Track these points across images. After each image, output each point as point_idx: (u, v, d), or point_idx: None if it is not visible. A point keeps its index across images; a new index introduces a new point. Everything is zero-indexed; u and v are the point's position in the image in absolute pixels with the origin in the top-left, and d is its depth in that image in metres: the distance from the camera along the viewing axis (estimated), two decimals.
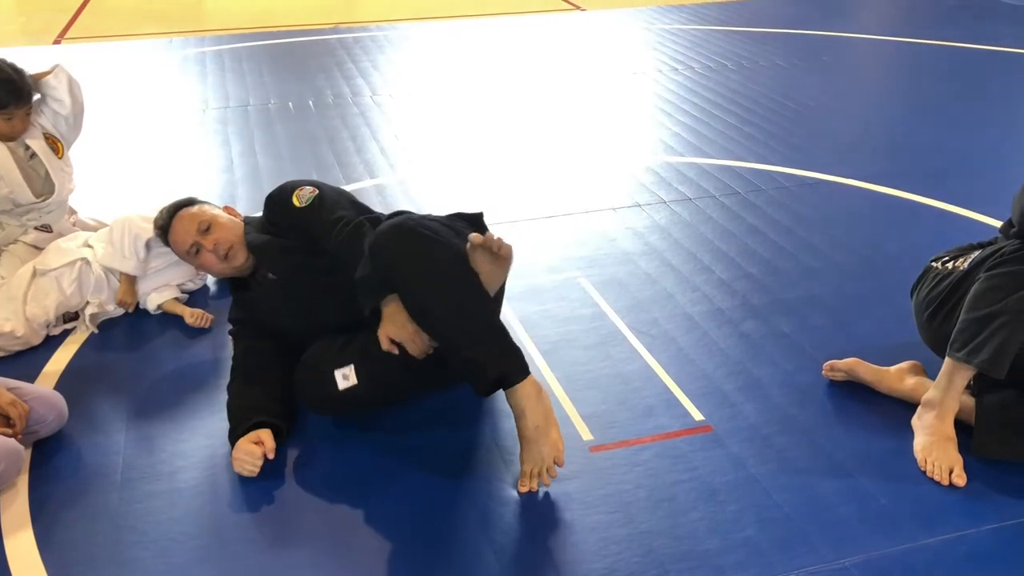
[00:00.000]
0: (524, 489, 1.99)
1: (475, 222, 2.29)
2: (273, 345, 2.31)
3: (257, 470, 2.05)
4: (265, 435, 2.09)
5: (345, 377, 2.10)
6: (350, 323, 2.17)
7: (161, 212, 2.48)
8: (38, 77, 2.82)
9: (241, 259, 2.37)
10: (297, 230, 2.30)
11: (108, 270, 2.70)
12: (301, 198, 2.28)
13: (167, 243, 2.46)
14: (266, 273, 2.37)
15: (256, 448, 2.05)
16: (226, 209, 2.52)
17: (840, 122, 4.56)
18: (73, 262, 2.66)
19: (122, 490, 2.04)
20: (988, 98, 4.77)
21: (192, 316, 2.69)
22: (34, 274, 2.66)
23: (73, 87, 2.87)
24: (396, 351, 2.03)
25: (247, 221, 2.45)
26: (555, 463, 1.97)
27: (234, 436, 2.11)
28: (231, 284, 2.50)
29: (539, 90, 5.11)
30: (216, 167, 3.99)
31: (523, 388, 1.95)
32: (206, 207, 2.46)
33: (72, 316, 2.69)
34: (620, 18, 6.93)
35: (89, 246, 2.75)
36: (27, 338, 2.56)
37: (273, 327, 2.33)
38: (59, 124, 2.89)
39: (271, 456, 2.07)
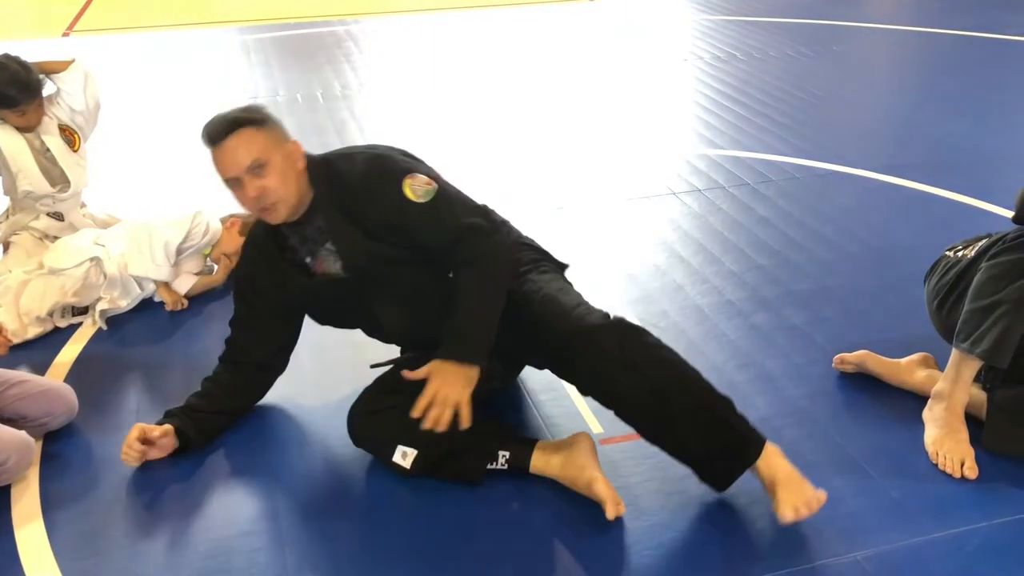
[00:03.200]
0: (790, 517, 1.79)
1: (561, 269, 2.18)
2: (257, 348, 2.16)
3: (134, 460, 2.04)
4: (160, 431, 2.06)
5: (404, 456, 1.98)
6: (414, 335, 2.07)
7: (216, 119, 1.90)
8: (53, 68, 2.82)
9: (282, 217, 1.93)
10: (392, 226, 1.92)
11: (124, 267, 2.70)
12: (416, 190, 1.91)
13: (210, 148, 1.90)
14: (334, 266, 2.01)
15: (135, 441, 2.03)
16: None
17: (851, 112, 4.53)
18: (82, 263, 2.64)
19: (132, 483, 2.05)
20: (1001, 88, 4.73)
21: (232, 263, 2.77)
22: (40, 266, 2.66)
23: (88, 84, 2.89)
24: (433, 426, 1.82)
25: (315, 167, 1.96)
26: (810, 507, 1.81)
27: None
28: (261, 244, 2.08)
29: (546, 82, 5.09)
30: None
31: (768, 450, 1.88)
32: (271, 139, 1.89)
33: (81, 310, 2.70)
34: (628, 9, 6.90)
35: (100, 244, 2.74)
36: (17, 332, 2.56)
37: (288, 306, 2.11)
38: (75, 117, 2.91)
39: (146, 447, 2.05)
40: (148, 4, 7.45)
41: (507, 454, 1.97)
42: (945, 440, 2.05)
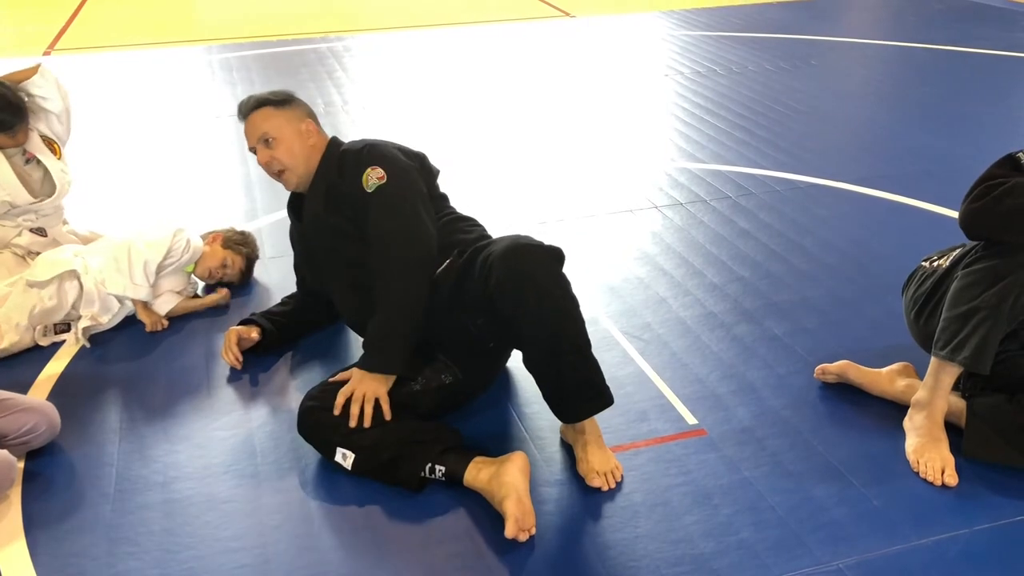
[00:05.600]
0: (598, 483, 2.04)
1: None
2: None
3: (232, 350, 2.46)
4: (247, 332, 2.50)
5: (344, 457, 2.04)
6: (352, 315, 2.36)
7: (246, 98, 2.41)
8: (23, 77, 2.82)
9: (292, 184, 2.36)
10: (353, 202, 2.22)
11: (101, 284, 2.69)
12: (369, 180, 2.19)
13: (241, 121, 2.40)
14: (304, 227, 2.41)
15: (234, 344, 2.46)
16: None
17: (829, 126, 4.58)
18: (60, 274, 2.63)
19: (115, 501, 2.04)
20: (974, 100, 4.80)
21: (221, 295, 2.86)
22: (21, 281, 2.65)
23: (59, 85, 2.89)
24: (355, 423, 2.03)
25: (329, 146, 2.36)
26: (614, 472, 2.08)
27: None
28: (291, 203, 2.50)
29: (528, 98, 5.13)
30: (205, 178, 3.98)
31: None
32: (286, 117, 2.34)
33: (63, 328, 2.68)
34: (608, 25, 6.96)
35: (80, 258, 2.73)
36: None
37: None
38: (52, 124, 2.91)
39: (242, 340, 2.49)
40: (129, 22, 7.44)
41: (443, 468, 2.01)
42: (926, 448, 2.08)
